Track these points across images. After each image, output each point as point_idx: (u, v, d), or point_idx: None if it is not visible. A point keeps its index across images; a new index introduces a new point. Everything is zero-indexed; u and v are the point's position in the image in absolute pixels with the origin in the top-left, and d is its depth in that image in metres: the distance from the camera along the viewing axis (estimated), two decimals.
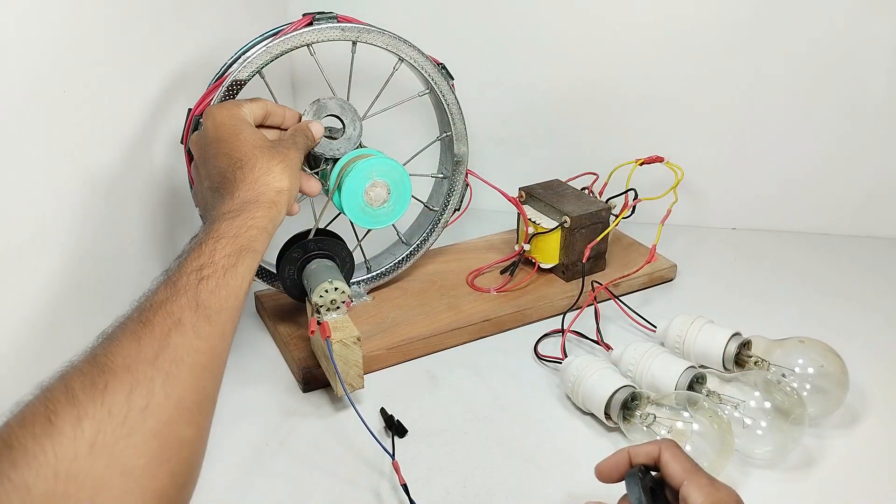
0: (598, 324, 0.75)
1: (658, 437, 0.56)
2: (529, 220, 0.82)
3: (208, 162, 0.58)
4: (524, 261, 0.84)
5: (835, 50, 0.88)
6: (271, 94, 0.69)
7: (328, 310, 0.64)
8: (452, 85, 0.76)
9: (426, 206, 0.83)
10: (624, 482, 0.48)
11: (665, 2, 0.89)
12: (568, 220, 0.79)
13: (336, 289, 0.64)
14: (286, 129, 0.65)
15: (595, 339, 0.73)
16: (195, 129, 0.66)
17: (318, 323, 0.62)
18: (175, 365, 0.42)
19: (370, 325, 0.74)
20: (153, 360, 0.41)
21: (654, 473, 0.48)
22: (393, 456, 0.57)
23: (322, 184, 0.73)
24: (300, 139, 0.63)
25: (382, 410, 0.64)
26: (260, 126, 0.64)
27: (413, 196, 0.72)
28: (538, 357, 0.73)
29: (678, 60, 0.92)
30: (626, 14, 0.91)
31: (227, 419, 0.64)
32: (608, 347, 0.71)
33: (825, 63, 0.88)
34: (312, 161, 0.74)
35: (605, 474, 0.49)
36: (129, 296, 0.73)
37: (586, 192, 0.87)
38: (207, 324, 0.45)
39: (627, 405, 0.60)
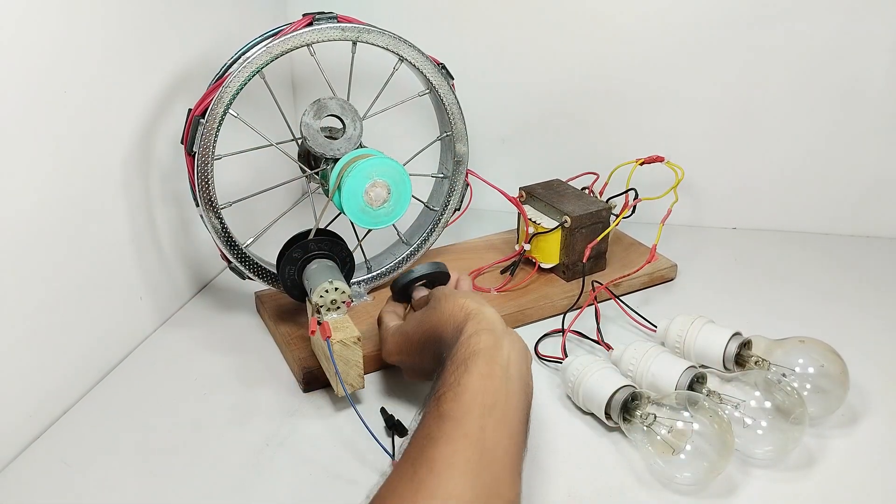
0: (598, 324, 0.75)
1: (658, 438, 0.56)
2: (530, 219, 0.82)
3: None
4: (524, 261, 0.84)
5: (835, 49, 0.88)
6: (271, 94, 0.69)
7: (328, 310, 0.64)
8: (452, 85, 0.76)
9: (426, 205, 0.83)
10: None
11: (665, 1, 0.89)
12: (568, 219, 0.79)
13: (336, 289, 0.64)
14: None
15: (595, 338, 0.73)
16: (195, 130, 0.66)
17: (319, 323, 0.62)
18: None
19: (370, 325, 0.74)
20: None
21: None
22: (393, 456, 0.57)
23: (322, 183, 0.73)
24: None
25: (383, 410, 0.64)
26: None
27: (413, 196, 0.72)
28: (538, 357, 0.73)
29: (678, 60, 0.92)
30: (626, 14, 0.91)
31: (227, 420, 0.64)
32: (608, 347, 0.71)
33: (825, 63, 0.88)
34: (312, 161, 0.74)
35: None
36: (128, 296, 0.73)
37: (587, 191, 0.87)
38: None
39: (628, 405, 0.60)
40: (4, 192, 0.57)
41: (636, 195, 0.84)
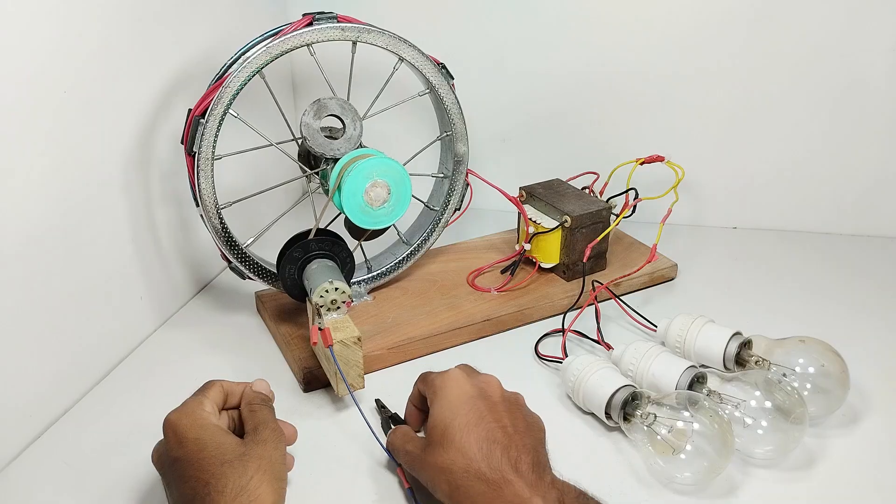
0: (598, 323, 0.75)
1: (659, 437, 0.56)
2: (530, 219, 0.82)
3: (172, 486, 0.50)
4: (525, 260, 0.84)
5: (835, 49, 0.88)
6: (271, 94, 0.69)
7: (328, 310, 0.64)
8: (452, 85, 0.76)
9: (427, 205, 0.83)
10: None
11: (666, 1, 0.89)
12: (568, 219, 0.79)
13: (336, 289, 0.64)
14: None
15: (596, 338, 0.73)
16: (195, 130, 0.66)
17: (320, 329, 0.62)
18: None
19: (371, 325, 0.74)
20: None
21: None
22: (399, 463, 0.57)
23: (322, 183, 0.73)
24: (262, 413, 0.55)
25: (377, 402, 0.64)
26: (229, 407, 0.57)
27: (413, 196, 0.72)
28: (539, 357, 0.73)
29: (678, 60, 0.92)
30: (626, 14, 0.91)
31: None
32: (609, 347, 0.71)
33: (825, 63, 0.88)
34: (312, 161, 0.74)
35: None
36: (128, 296, 0.73)
37: (587, 191, 0.87)
38: None
39: (628, 405, 0.60)
40: (4, 192, 0.57)
41: (636, 195, 0.83)
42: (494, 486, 0.48)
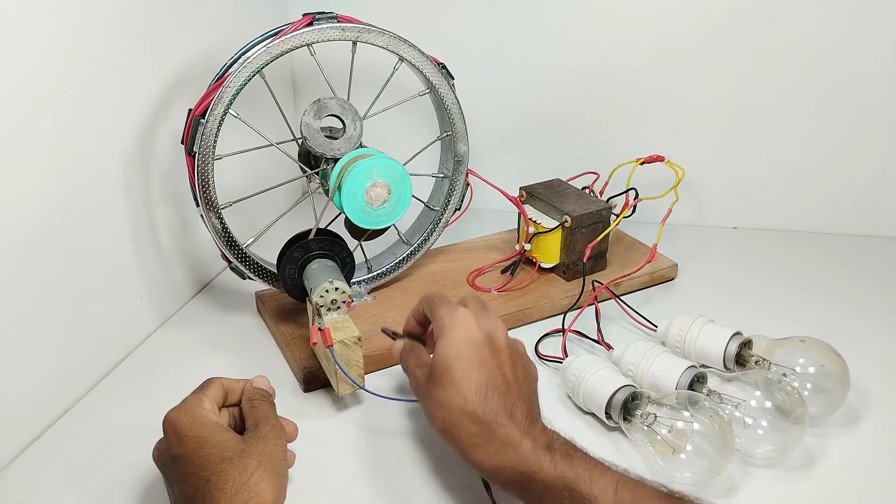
0: (598, 323, 0.75)
1: (659, 437, 0.56)
2: (530, 219, 0.82)
3: (174, 484, 0.50)
4: (525, 260, 0.84)
5: (835, 49, 0.88)
6: (272, 94, 0.69)
7: (328, 310, 0.64)
8: (453, 85, 0.76)
9: (427, 205, 0.83)
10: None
11: (666, 1, 0.89)
12: (569, 219, 0.79)
13: (336, 289, 0.64)
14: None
15: (596, 338, 0.73)
16: (195, 130, 0.66)
17: (320, 329, 0.62)
18: None
19: (371, 325, 0.74)
20: None
21: None
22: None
23: (322, 183, 0.73)
24: (262, 409, 0.55)
25: (384, 329, 0.67)
26: (230, 405, 0.57)
27: (413, 196, 0.72)
28: (539, 357, 0.73)
29: (678, 60, 0.92)
30: (626, 14, 0.91)
31: None
32: (609, 347, 0.71)
33: (825, 63, 0.88)
34: (313, 161, 0.74)
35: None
36: (128, 296, 0.73)
37: (587, 191, 0.87)
38: None
39: (628, 405, 0.60)
40: (4, 192, 0.57)
41: (636, 195, 0.83)
42: (487, 427, 0.50)
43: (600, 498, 0.45)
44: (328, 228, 0.72)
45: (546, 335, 0.75)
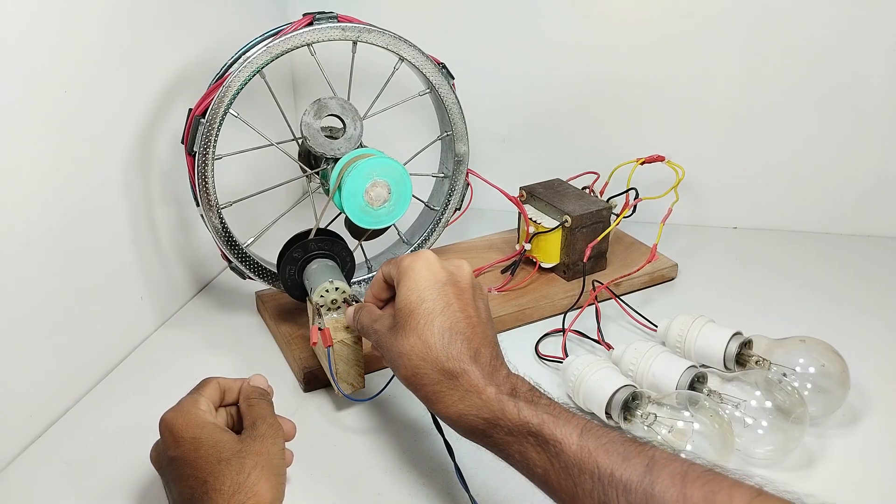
0: (598, 323, 0.75)
1: (659, 437, 0.56)
2: (530, 219, 0.82)
3: (171, 486, 0.50)
4: (525, 260, 0.84)
5: (835, 49, 0.88)
6: (272, 93, 0.69)
7: (329, 310, 0.64)
8: (453, 84, 0.76)
9: (427, 205, 0.83)
10: None
11: (666, 1, 0.89)
12: (569, 219, 0.79)
13: (337, 289, 0.64)
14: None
15: (596, 338, 0.73)
16: (195, 130, 0.66)
17: (320, 329, 0.62)
18: None
19: None
20: None
21: None
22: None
23: (322, 183, 0.73)
24: (260, 408, 0.54)
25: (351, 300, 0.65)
26: (227, 405, 0.57)
27: (414, 195, 0.72)
28: (539, 357, 0.73)
29: (679, 59, 0.92)
30: (626, 14, 0.91)
31: None
32: (609, 347, 0.71)
33: (826, 62, 0.88)
34: (313, 161, 0.74)
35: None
36: (128, 296, 0.73)
37: (587, 191, 0.87)
38: None
39: (628, 405, 0.60)
40: (4, 192, 0.57)
41: (637, 195, 0.84)
42: (450, 375, 0.49)
43: (565, 442, 0.44)
44: (328, 228, 0.72)
45: (546, 335, 0.75)
